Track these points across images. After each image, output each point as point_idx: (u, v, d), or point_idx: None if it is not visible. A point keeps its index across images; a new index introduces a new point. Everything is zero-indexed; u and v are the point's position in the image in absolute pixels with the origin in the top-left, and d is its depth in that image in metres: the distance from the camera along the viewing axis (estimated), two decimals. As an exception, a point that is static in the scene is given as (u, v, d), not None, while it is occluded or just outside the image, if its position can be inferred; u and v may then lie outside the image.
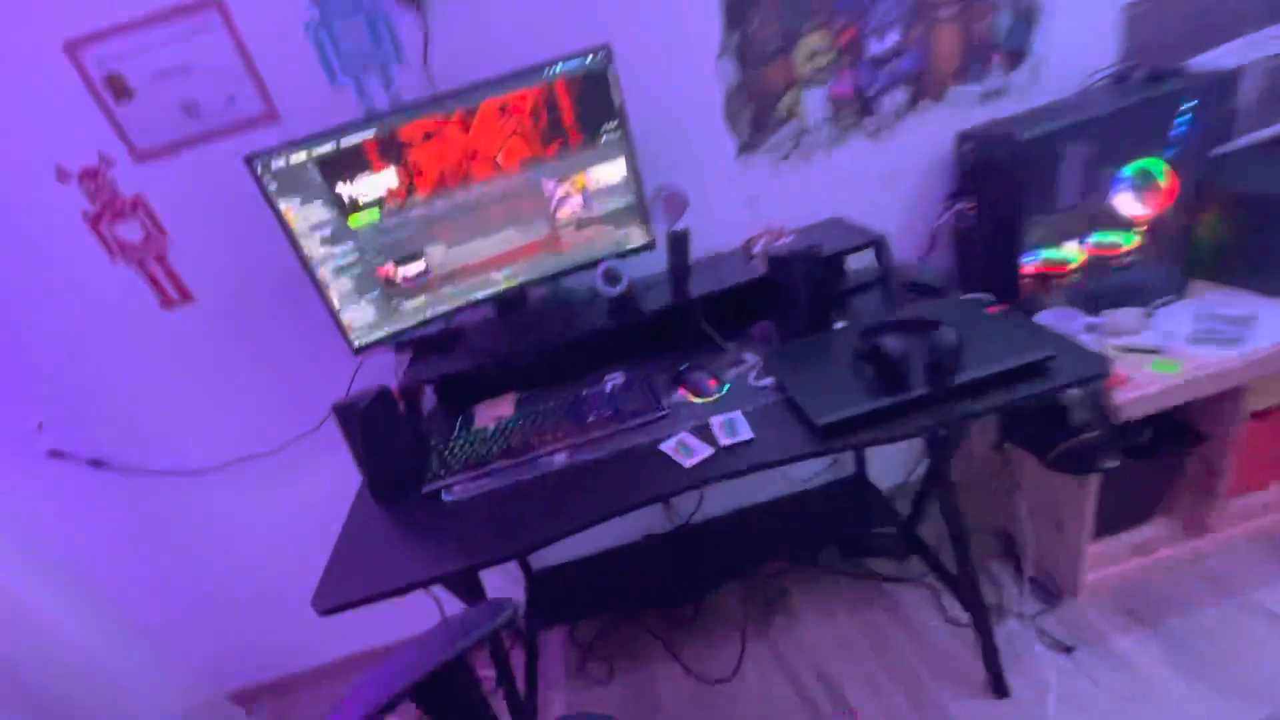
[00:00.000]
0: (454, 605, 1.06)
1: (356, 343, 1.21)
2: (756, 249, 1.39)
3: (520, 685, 1.45)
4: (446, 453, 1.15)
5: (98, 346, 1.35)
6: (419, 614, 1.20)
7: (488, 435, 1.16)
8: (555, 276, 1.33)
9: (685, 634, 1.61)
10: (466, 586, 1.17)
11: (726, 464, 0.99)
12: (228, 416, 1.45)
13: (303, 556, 1.02)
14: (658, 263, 1.38)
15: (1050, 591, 1.52)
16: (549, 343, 1.32)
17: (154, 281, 1.30)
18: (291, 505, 1.46)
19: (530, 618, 1.56)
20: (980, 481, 1.64)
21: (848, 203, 1.48)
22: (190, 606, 1.61)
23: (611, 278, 1.34)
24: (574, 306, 1.42)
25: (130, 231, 1.25)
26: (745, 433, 1.03)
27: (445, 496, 1.07)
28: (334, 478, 1.15)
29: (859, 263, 1.38)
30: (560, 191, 1.26)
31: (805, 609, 1.62)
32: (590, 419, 1.15)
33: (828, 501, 1.76)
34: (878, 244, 1.29)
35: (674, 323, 1.35)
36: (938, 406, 0.98)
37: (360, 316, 1.22)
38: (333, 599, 0.93)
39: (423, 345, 1.38)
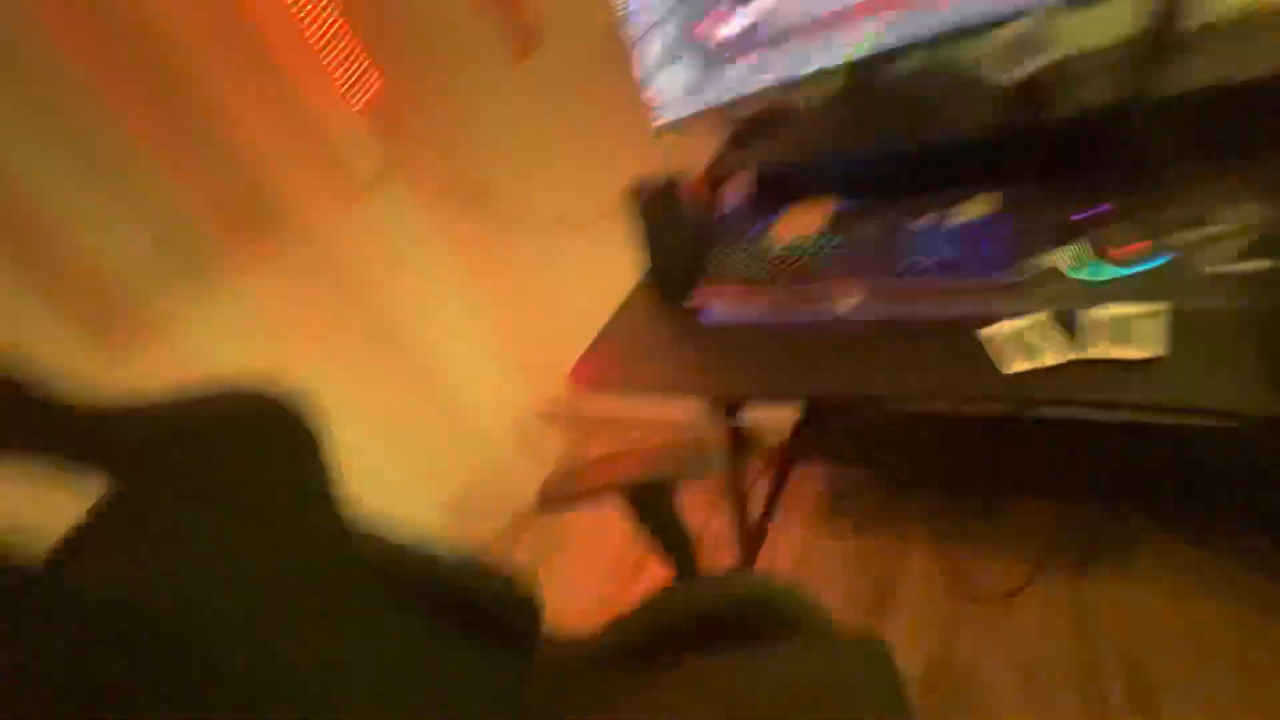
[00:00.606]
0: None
1: (660, 118, 1.08)
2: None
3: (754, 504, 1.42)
4: (726, 261, 1.02)
5: (469, 98, 1.49)
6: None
7: (775, 254, 0.98)
8: (933, 41, 0.93)
9: (960, 529, 1.34)
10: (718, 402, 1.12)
11: (1077, 386, 0.64)
12: (563, 179, 1.53)
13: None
14: (1115, 27, 0.84)
15: None
16: (899, 142, 0.99)
17: (508, 28, 1.32)
18: (608, 272, 1.55)
19: (794, 443, 1.47)
20: None
21: None
22: (527, 338, 1.95)
23: (1026, 47, 0.88)
24: (950, 92, 1.01)
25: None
26: (1151, 345, 0.64)
27: (708, 313, 0.97)
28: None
29: None
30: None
31: (1146, 570, 1.16)
32: (906, 262, 0.86)
33: (1254, 448, 1.11)
34: None
35: (1109, 136, 0.85)
36: None
37: (670, 85, 1.07)
38: (586, 377, 0.97)
39: (744, 126, 1.18)
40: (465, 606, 0.76)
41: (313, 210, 1.38)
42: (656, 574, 1.51)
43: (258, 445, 0.69)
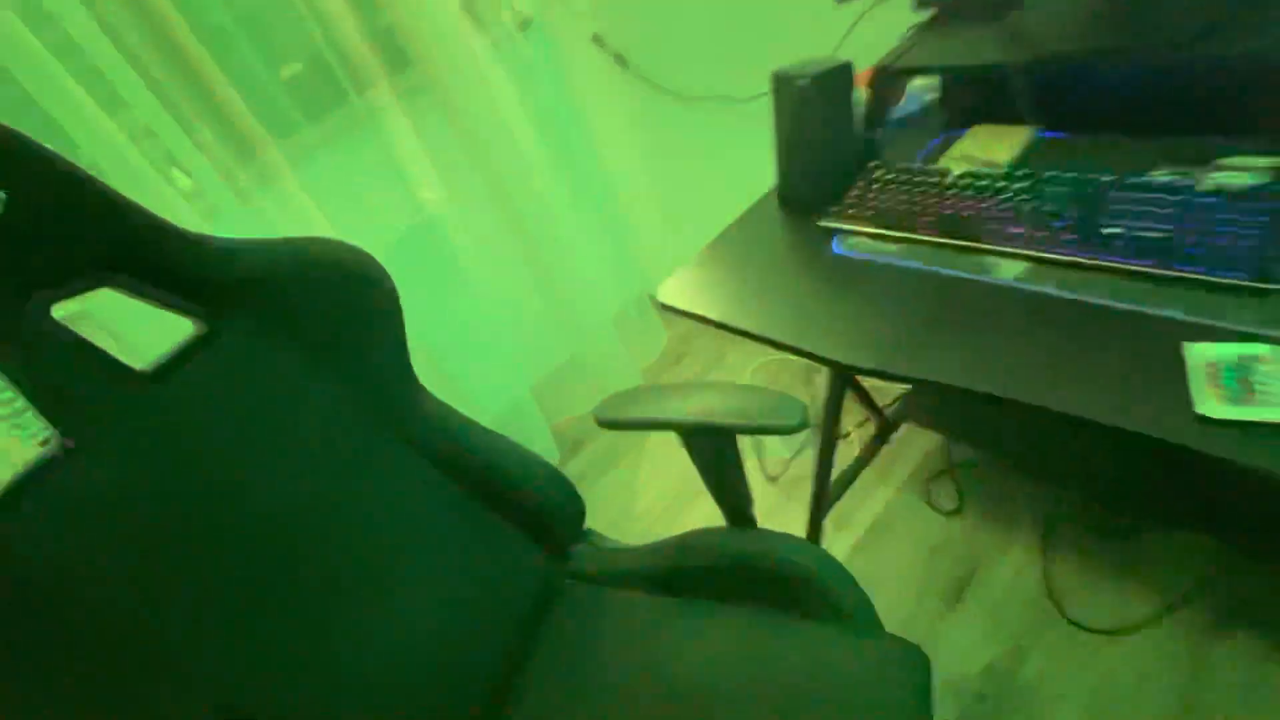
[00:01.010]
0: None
1: (844, -16, 0.86)
2: None
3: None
4: (881, 180, 0.84)
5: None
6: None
7: (943, 183, 0.79)
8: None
9: (1087, 542, 1.14)
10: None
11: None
12: (721, 48, 1.35)
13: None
14: None
15: None
16: (1158, 55, 0.73)
17: None
18: (751, 162, 1.38)
19: (907, 402, 1.30)
20: None
21: None
22: (648, 222, 1.80)
23: None
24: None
25: None
26: None
27: (834, 246, 0.82)
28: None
29: None
30: None
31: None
32: (1113, 229, 0.65)
33: None
34: None
35: None
36: None
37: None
38: (676, 299, 0.87)
39: (952, 8, 0.92)
40: (511, 493, 0.77)
41: (455, 53, 1.31)
42: (713, 510, 1.44)
43: (344, 301, 0.70)
